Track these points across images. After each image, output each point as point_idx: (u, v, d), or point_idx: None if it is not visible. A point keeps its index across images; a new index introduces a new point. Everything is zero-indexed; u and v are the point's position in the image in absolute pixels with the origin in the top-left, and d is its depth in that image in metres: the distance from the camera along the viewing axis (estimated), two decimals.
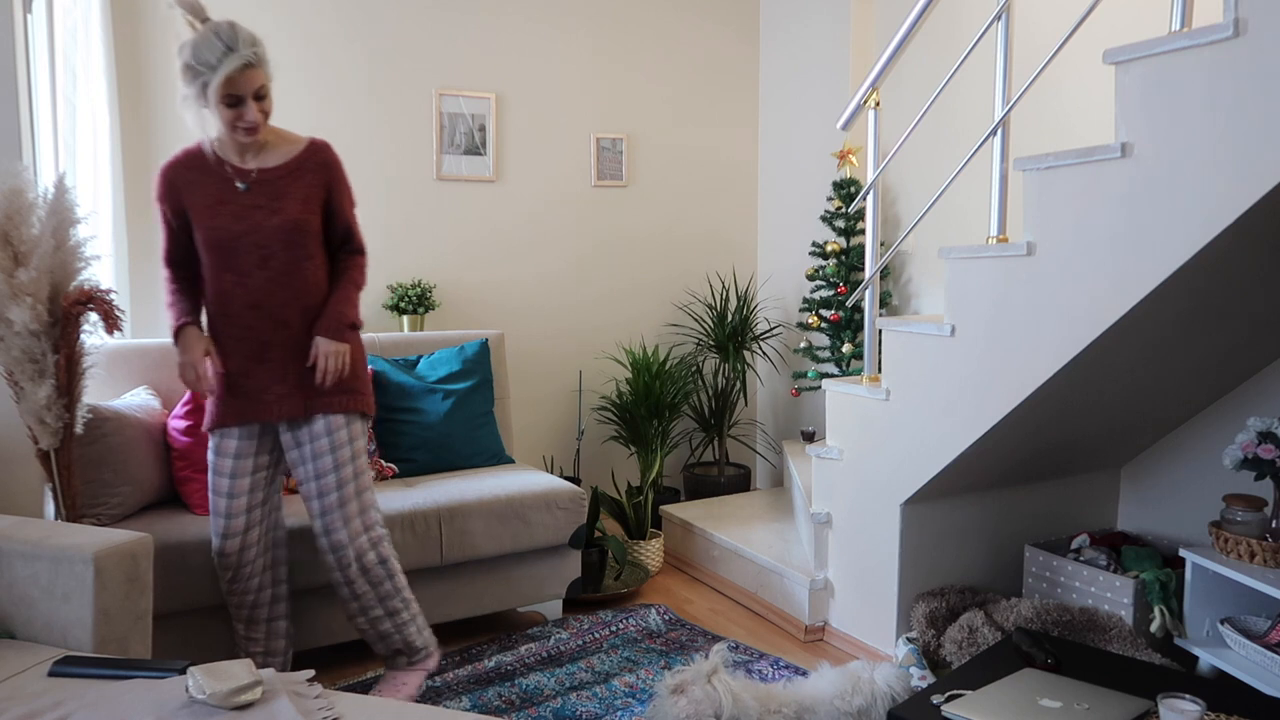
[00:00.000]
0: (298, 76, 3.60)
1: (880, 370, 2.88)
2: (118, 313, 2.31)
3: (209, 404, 2.37)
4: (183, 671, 1.71)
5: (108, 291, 2.31)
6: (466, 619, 3.02)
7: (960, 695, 1.94)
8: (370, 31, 3.72)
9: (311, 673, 1.79)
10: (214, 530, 2.38)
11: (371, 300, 3.82)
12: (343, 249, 2.46)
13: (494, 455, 3.39)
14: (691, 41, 4.44)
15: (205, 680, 1.59)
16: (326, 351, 2.33)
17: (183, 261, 2.37)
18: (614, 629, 3.08)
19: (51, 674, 1.73)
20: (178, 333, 2.32)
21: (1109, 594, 2.66)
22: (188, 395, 2.82)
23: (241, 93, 2.14)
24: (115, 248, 3.13)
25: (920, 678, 2.52)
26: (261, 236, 2.28)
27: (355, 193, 3.89)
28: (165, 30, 3.38)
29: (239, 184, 2.28)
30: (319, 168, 2.37)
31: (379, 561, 2.42)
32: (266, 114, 2.23)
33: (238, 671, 1.63)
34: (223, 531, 2.37)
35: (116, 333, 2.35)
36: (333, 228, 2.42)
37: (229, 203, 2.27)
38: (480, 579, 2.99)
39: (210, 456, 2.38)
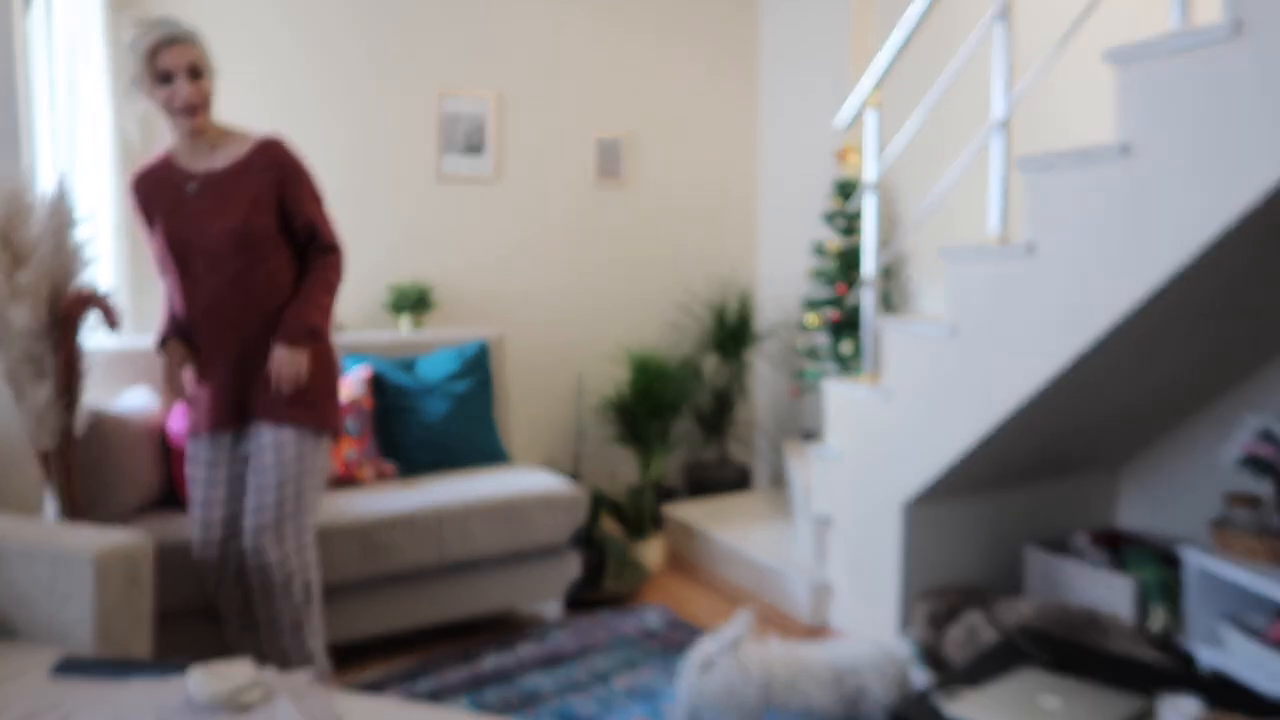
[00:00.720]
0: (298, 76, 3.60)
1: (880, 370, 2.88)
2: (117, 313, 2.32)
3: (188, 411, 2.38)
4: (183, 672, 1.71)
5: (108, 292, 2.31)
6: (466, 619, 3.02)
7: (961, 695, 1.94)
8: (370, 31, 3.72)
9: (312, 673, 1.79)
10: (192, 535, 2.38)
11: (371, 300, 3.81)
12: (310, 247, 2.38)
13: (494, 455, 3.39)
14: (692, 41, 4.44)
15: (206, 681, 1.59)
16: (280, 360, 2.25)
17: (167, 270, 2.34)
18: (613, 629, 3.08)
19: (52, 675, 1.73)
20: (160, 344, 2.34)
21: (1109, 593, 2.66)
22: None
23: (171, 68, 2.11)
24: (115, 249, 3.13)
25: (920, 677, 2.52)
26: (209, 241, 2.22)
27: (356, 192, 3.90)
28: None
29: (189, 187, 2.25)
30: (268, 167, 2.28)
31: (303, 586, 2.33)
32: (205, 95, 2.18)
33: (238, 672, 1.64)
34: (200, 538, 2.36)
35: (116, 333, 2.35)
36: (294, 227, 2.34)
37: (182, 207, 2.24)
38: (480, 579, 2.99)
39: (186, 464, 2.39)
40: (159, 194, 2.25)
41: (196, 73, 2.14)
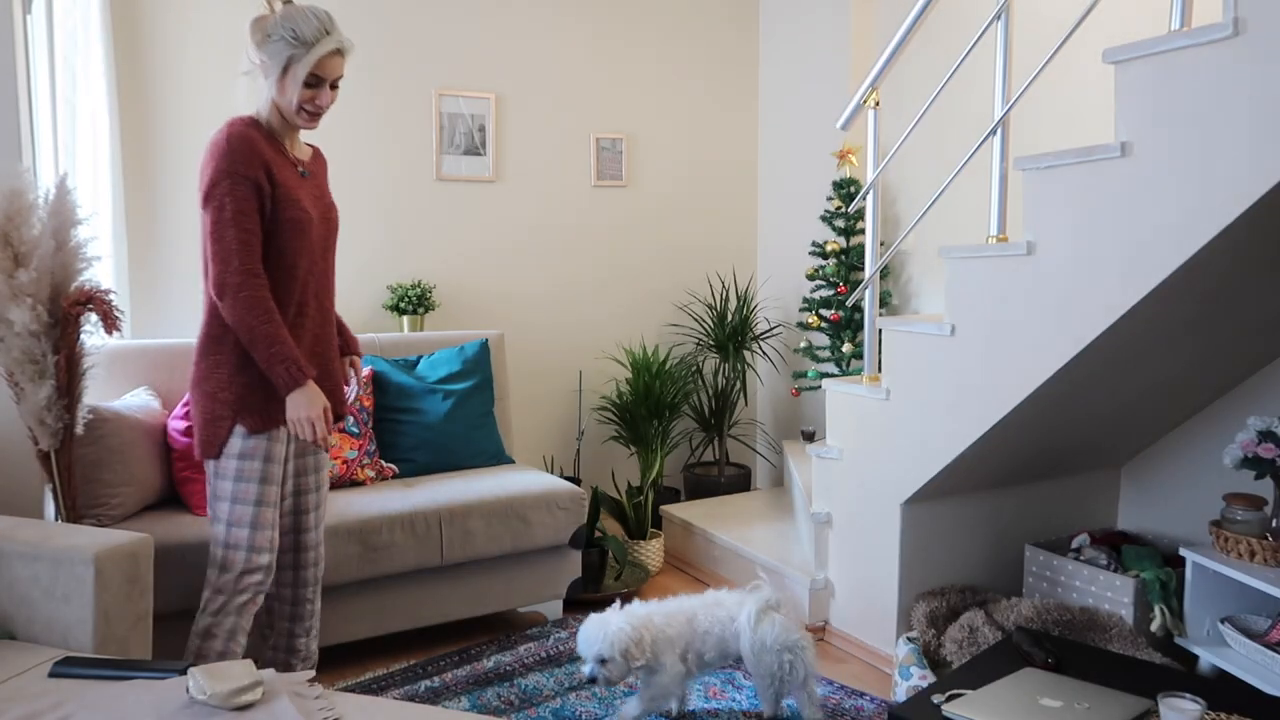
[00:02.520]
0: None
1: (880, 370, 2.88)
2: (117, 313, 2.31)
3: (252, 404, 2.10)
4: (183, 672, 1.71)
5: (108, 292, 2.31)
6: (466, 619, 3.02)
7: (960, 695, 1.95)
8: (370, 31, 3.72)
9: (312, 673, 1.79)
10: (249, 540, 2.14)
11: (371, 300, 3.82)
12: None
13: (494, 455, 3.39)
14: (691, 41, 4.44)
15: (206, 681, 1.59)
16: (354, 371, 2.47)
17: (261, 266, 2.07)
18: None
19: (52, 675, 1.73)
20: (308, 373, 2.07)
21: (1109, 593, 2.66)
22: (188, 395, 2.81)
23: (326, 76, 2.07)
24: (115, 248, 3.13)
25: (920, 677, 2.52)
26: (326, 227, 2.23)
27: (356, 192, 3.91)
28: (165, 30, 3.38)
29: (300, 171, 2.19)
30: (325, 172, 2.35)
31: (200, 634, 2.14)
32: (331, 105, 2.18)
33: (238, 672, 1.63)
34: (268, 541, 2.17)
35: (116, 333, 2.35)
36: None
37: (301, 185, 2.16)
38: (480, 579, 2.99)
39: (258, 464, 2.12)
40: (277, 163, 2.10)
41: (336, 84, 2.12)
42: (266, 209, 2.05)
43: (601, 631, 2.27)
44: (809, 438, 4.03)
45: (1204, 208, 1.93)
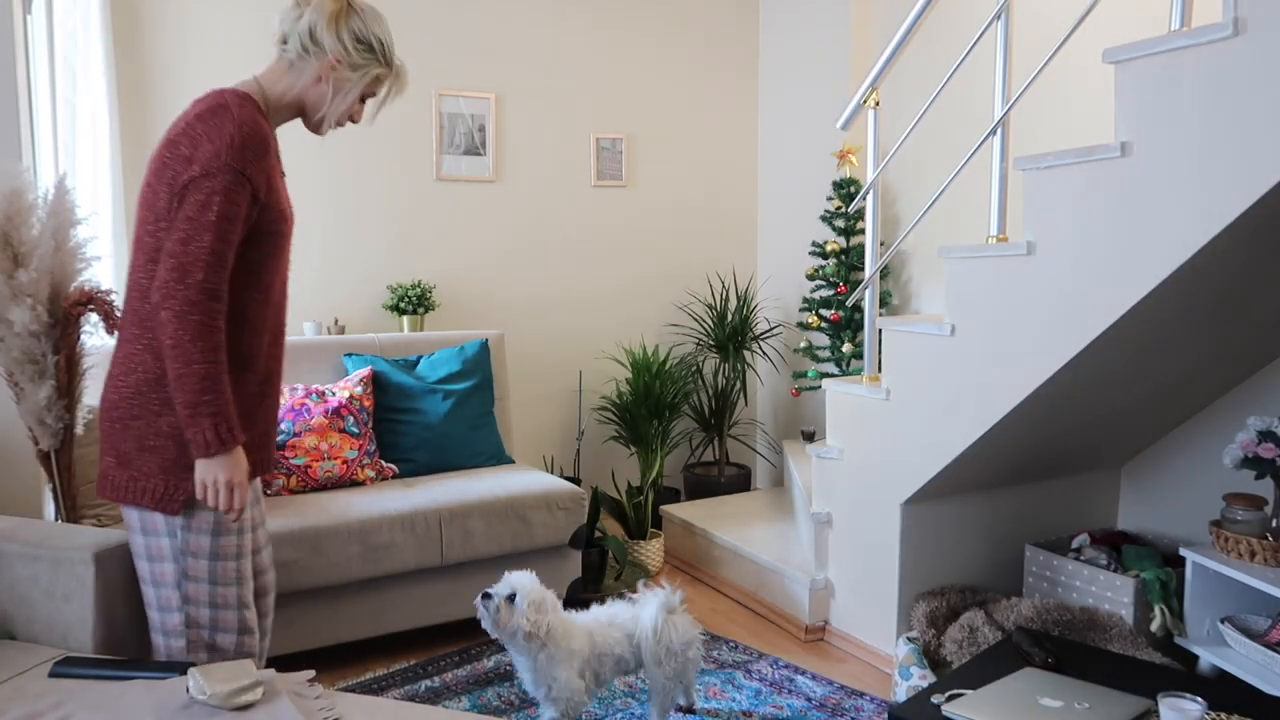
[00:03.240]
0: None
1: (880, 370, 2.88)
2: (117, 313, 2.31)
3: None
4: (183, 672, 1.71)
5: (108, 292, 2.31)
6: (466, 619, 3.02)
7: (960, 695, 1.94)
8: None
9: (312, 673, 1.79)
10: (240, 596, 1.82)
11: (371, 300, 3.82)
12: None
13: (494, 455, 3.39)
14: (692, 41, 4.44)
15: (205, 681, 1.59)
16: None
17: (226, 289, 1.70)
18: None
19: (52, 675, 1.73)
20: (239, 437, 1.70)
21: (1109, 593, 2.66)
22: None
23: (375, 96, 1.85)
24: (115, 248, 3.13)
25: (920, 677, 2.52)
26: (292, 233, 1.91)
27: (356, 192, 3.92)
28: (165, 30, 3.38)
29: (281, 168, 1.87)
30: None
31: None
32: None
33: (238, 672, 1.63)
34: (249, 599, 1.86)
35: (116, 333, 2.35)
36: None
37: (284, 186, 1.85)
38: (480, 579, 2.99)
39: (232, 538, 1.79)
40: (274, 168, 1.77)
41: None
42: (253, 218, 1.72)
43: (527, 579, 2.22)
44: (809, 438, 4.03)
45: (1204, 208, 1.93)
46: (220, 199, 1.64)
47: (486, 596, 2.18)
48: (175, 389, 1.63)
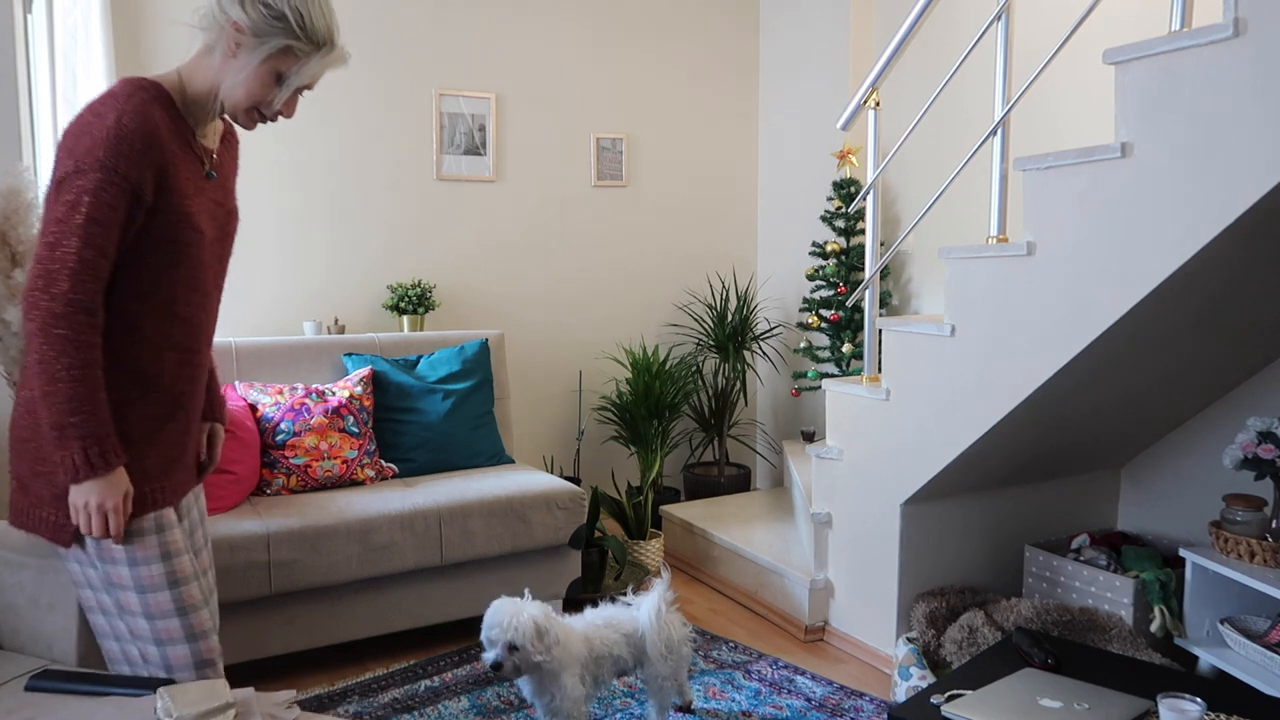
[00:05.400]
0: None
1: (880, 370, 2.87)
2: None
3: (154, 465, 1.64)
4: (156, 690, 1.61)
5: None
6: (466, 619, 3.02)
7: (960, 695, 1.94)
8: (370, 31, 3.72)
9: (293, 694, 1.70)
10: (194, 628, 1.64)
11: (371, 300, 3.82)
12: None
13: (494, 455, 3.39)
14: (692, 41, 4.44)
15: (173, 702, 1.50)
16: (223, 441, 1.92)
17: (101, 300, 1.50)
18: None
19: (28, 688, 1.66)
20: (113, 462, 1.52)
21: (1109, 594, 2.66)
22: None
23: (310, 84, 1.62)
24: None
25: (920, 678, 2.52)
26: (222, 245, 1.71)
27: (356, 192, 3.91)
28: (165, 30, 3.38)
29: (207, 169, 1.66)
30: (236, 154, 1.78)
31: None
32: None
33: (210, 693, 1.54)
34: (208, 628, 1.68)
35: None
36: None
37: (203, 192, 1.62)
38: (480, 579, 2.99)
39: (156, 566, 1.61)
40: (180, 158, 1.57)
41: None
42: (138, 222, 1.51)
43: (514, 617, 2.09)
44: (809, 438, 4.03)
45: (1204, 208, 1.93)
46: (89, 200, 1.44)
47: (497, 667, 2.10)
48: (41, 408, 1.46)
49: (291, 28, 1.54)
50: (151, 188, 1.50)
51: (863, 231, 3.92)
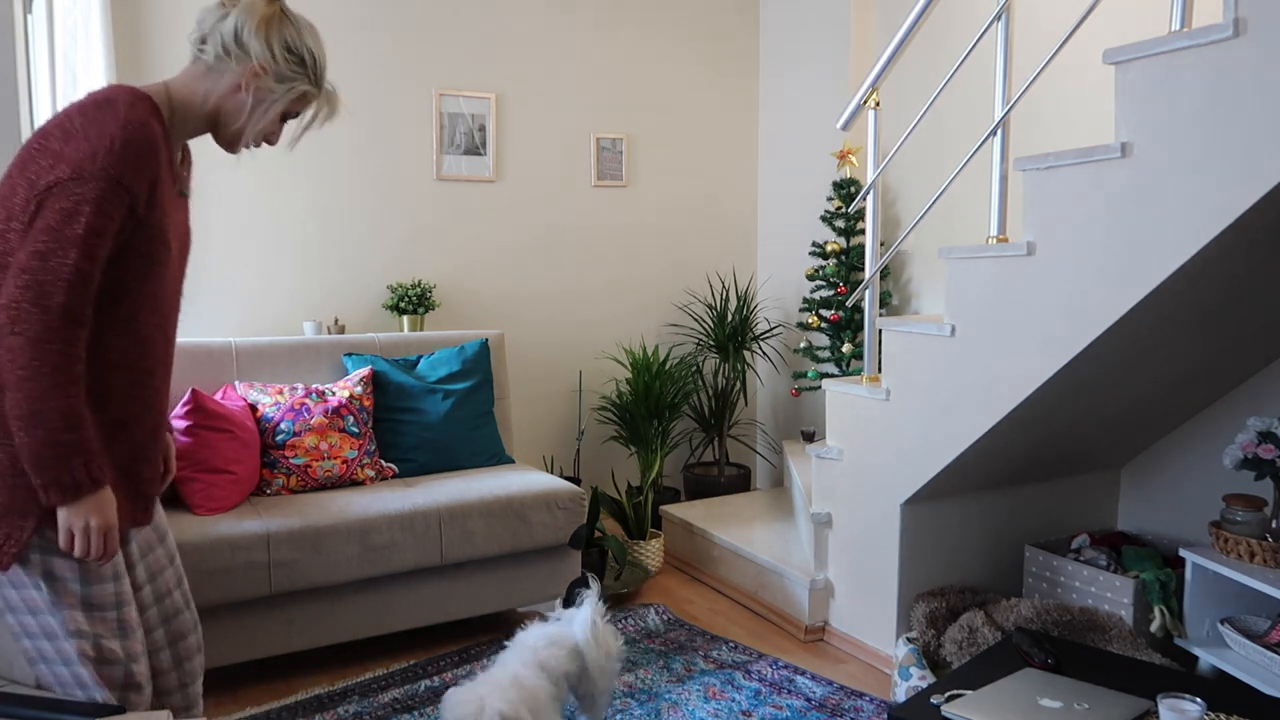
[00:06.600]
0: None
1: (880, 370, 2.87)
2: None
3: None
4: (110, 714, 1.50)
5: None
6: (466, 619, 3.02)
7: (960, 695, 1.94)
8: (370, 31, 3.72)
9: None
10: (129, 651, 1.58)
11: (371, 300, 3.82)
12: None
13: (494, 455, 3.39)
14: (692, 41, 4.44)
15: None
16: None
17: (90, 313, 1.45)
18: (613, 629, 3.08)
19: None
20: (104, 478, 1.47)
21: (1109, 594, 2.66)
22: (188, 394, 2.82)
23: (296, 116, 1.66)
24: None
25: (920, 678, 2.52)
26: (181, 263, 1.68)
27: (356, 192, 3.92)
28: (166, 30, 3.38)
29: (179, 187, 1.64)
30: (191, 168, 1.75)
31: None
32: None
33: None
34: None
35: None
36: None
37: (175, 209, 1.60)
38: (480, 579, 2.99)
39: (108, 585, 1.55)
40: (163, 183, 1.52)
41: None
42: (125, 235, 1.48)
43: (478, 711, 1.93)
44: (809, 438, 4.03)
45: (1204, 208, 1.93)
46: (90, 209, 1.39)
47: None
48: (26, 426, 1.38)
49: (309, 73, 1.59)
50: (144, 202, 1.47)
51: (863, 231, 3.92)
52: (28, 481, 1.45)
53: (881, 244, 3.99)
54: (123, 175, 1.41)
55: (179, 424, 2.78)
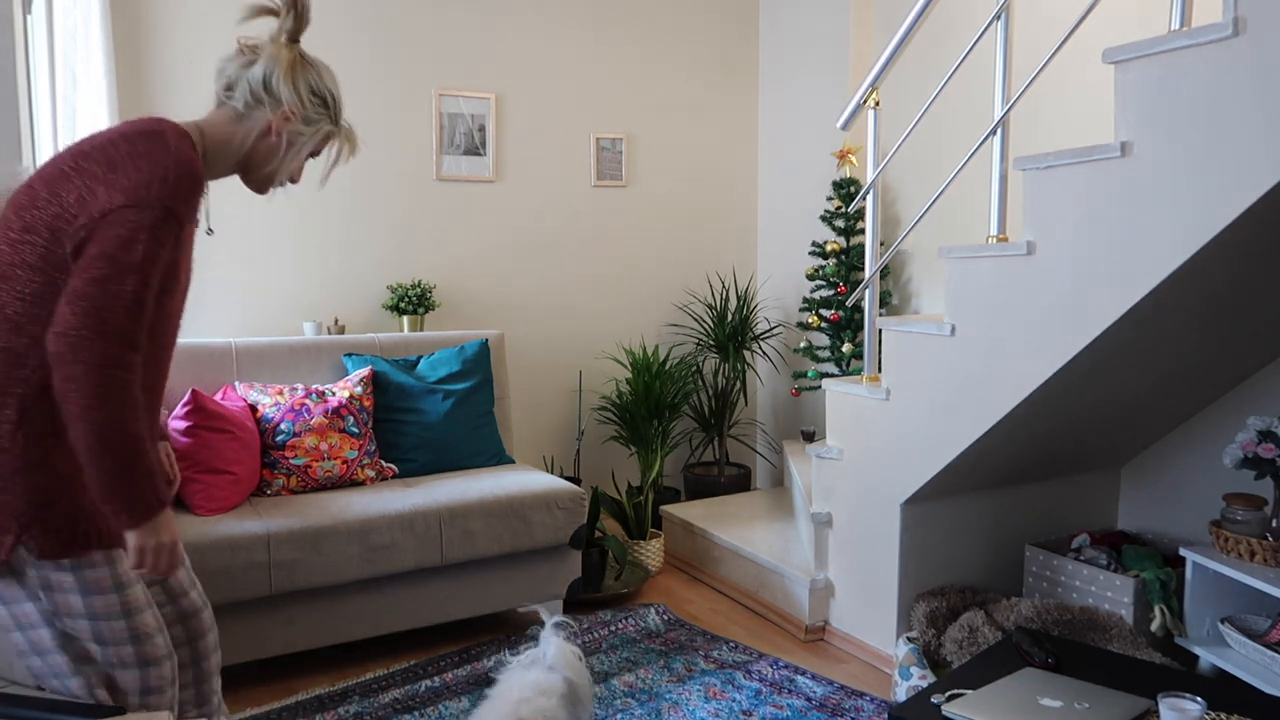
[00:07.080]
0: None
1: (880, 370, 2.88)
2: None
3: (51, 516, 1.51)
4: (111, 715, 1.51)
5: None
6: (466, 619, 3.02)
7: (960, 695, 1.95)
8: (370, 31, 3.72)
9: None
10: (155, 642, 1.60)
11: (371, 300, 3.82)
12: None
13: (494, 455, 3.39)
14: (691, 41, 4.44)
15: None
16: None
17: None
18: (614, 629, 3.08)
19: None
20: (164, 503, 1.51)
21: (1109, 593, 2.66)
22: (188, 395, 2.82)
23: (317, 153, 1.73)
24: None
25: (920, 677, 2.52)
26: (183, 301, 1.72)
27: (356, 192, 3.92)
28: (166, 31, 3.38)
29: (203, 225, 1.76)
30: None
31: None
32: None
33: None
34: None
35: None
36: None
37: (191, 244, 1.66)
38: (480, 579, 2.99)
39: (112, 596, 1.55)
40: (193, 221, 1.59)
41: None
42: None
43: None
44: (809, 438, 4.03)
45: (1204, 207, 1.93)
46: (147, 237, 1.42)
47: None
48: (96, 457, 1.40)
49: (330, 113, 1.67)
50: (179, 235, 1.52)
51: (863, 231, 3.92)
52: (5, 498, 1.45)
53: (881, 244, 3.99)
54: (176, 205, 1.45)
55: (179, 424, 2.78)
